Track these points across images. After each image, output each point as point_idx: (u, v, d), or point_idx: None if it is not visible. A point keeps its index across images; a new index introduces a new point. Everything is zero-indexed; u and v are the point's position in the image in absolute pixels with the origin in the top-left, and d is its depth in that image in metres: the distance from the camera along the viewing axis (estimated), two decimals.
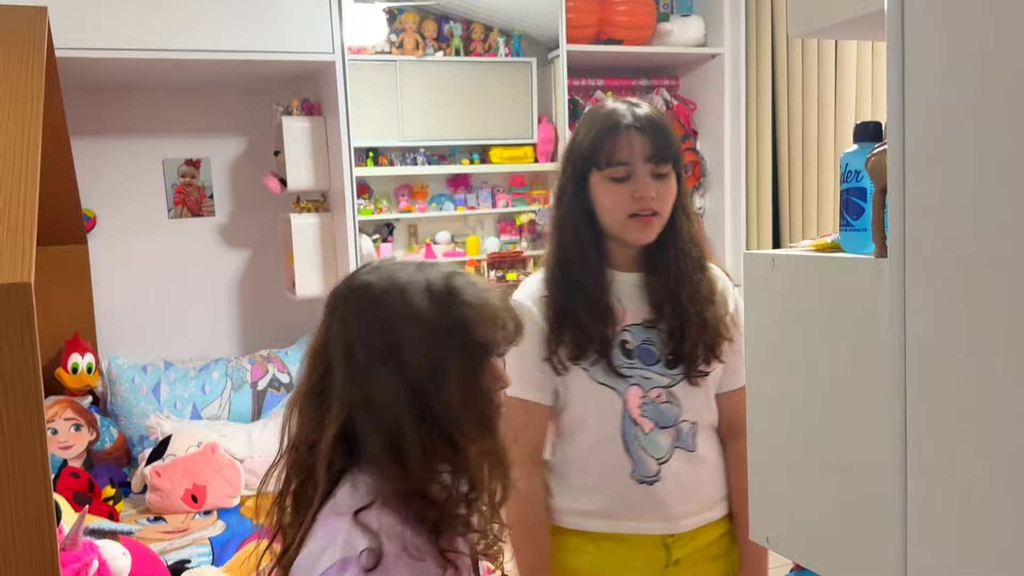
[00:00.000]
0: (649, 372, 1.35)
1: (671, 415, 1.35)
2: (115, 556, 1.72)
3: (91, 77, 3.04)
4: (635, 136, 1.31)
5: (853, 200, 0.80)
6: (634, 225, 1.32)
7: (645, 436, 1.34)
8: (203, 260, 3.45)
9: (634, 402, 1.34)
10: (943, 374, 0.70)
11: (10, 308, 1.21)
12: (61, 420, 2.89)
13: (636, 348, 1.35)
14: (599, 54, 3.33)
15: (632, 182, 1.31)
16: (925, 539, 0.72)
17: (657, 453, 1.35)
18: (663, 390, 1.35)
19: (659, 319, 1.35)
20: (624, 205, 1.31)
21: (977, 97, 0.64)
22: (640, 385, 1.34)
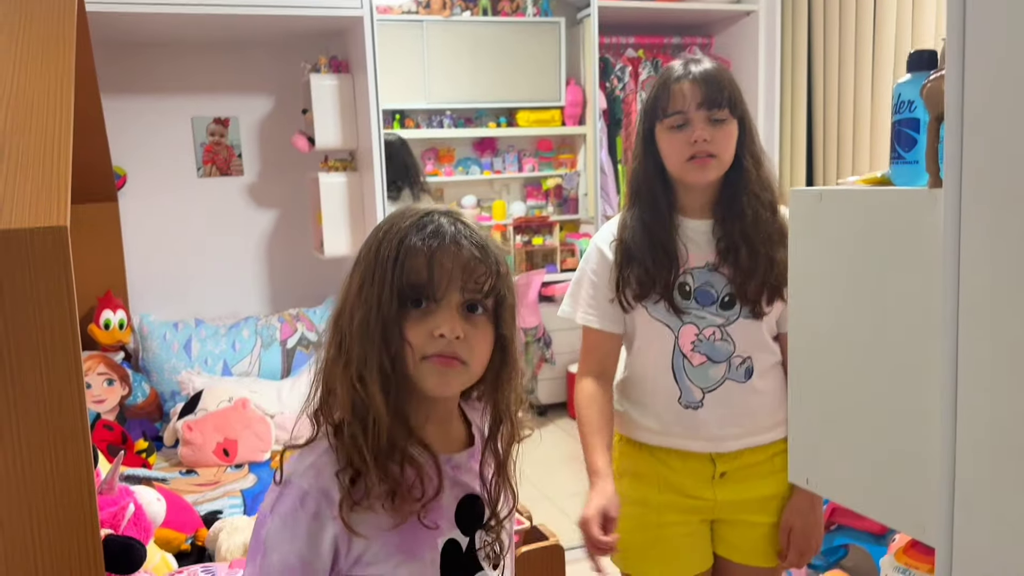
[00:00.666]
0: (704, 312, 1.47)
1: (724, 351, 1.48)
2: (150, 501, 1.75)
3: (121, 33, 3.04)
4: (687, 86, 1.42)
5: (905, 131, 0.78)
6: (692, 167, 1.43)
7: (693, 368, 1.49)
8: (232, 219, 3.46)
9: (687, 338, 1.48)
10: (997, 308, 0.68)
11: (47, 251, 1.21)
12: (94, 375, 2.93)
13: (695, 290, 1.48)
14: (631, 11, 3.28)
15: (688, 128, 1.42)
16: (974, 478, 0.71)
17: (704, 383, 1.49)
18: (717, 328, 1.47)
19: (722, 263, 1.46)
20: (682, 150, 1.42)
21: None
22: (695, 324, 1.47)
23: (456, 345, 0.87)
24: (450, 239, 0.88)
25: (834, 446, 0.87)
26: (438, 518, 0.91)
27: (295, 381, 3.09)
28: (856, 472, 0.85)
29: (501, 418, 0.96)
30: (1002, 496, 0.69)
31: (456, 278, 0.88)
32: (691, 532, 1.55)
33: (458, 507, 0.93)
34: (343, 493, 0.87)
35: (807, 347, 0.88)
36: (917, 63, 0.80)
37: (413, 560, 0.89)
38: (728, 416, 1.50)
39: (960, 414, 0.71)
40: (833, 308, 0.84)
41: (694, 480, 1.53)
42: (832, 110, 3.05)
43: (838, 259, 0.83)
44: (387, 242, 0.89)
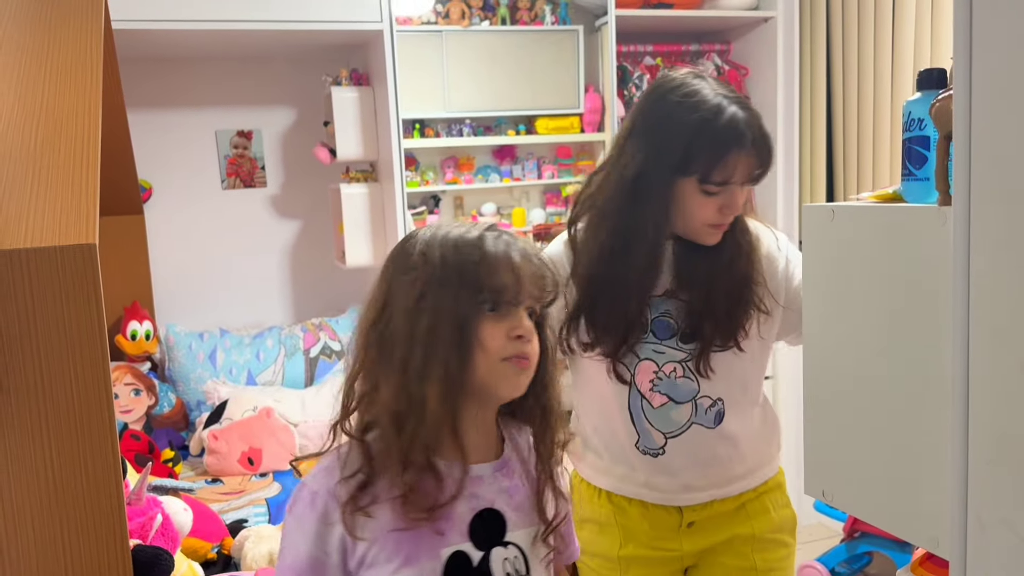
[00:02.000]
0: (663, 347, 1.30)
1: (687, 390, 1.31)
2: (177, 511, 1.78)
3: (146, 49, 3.10)
4: (746, 158, 1.23)
5: (916, 149, 0.79)
6: (708, 232, 1.28)
7: (653, 410, 1.32)
8: (256, 230, 3.51)
9: (644, 376, 1.31)
10: (1006, 324, 0.69)
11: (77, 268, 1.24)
12: (121, 385, 2.98)
13: (651, 321, 1.30)
14: (648, 19, 3.29)
15: (723, 195, 1.25)
16: (986, 489, 0.72)
17: (667, 427, 1.32)
18: (678, 364, 1.30)
19: (680, 289, 1.30)
20: (711, 217, 1.26)
21: None
22: (653, 360, 1.31)
23: (528, 346, 0.92)
24: (522, 250, 0.94)
25: (849, 459, 0.87)
26: (447, 527, 0.92)
27: (319, 390, 3.13)
28: (871, 485, 0.86)
29: (548, 419, 0.99)
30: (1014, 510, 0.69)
31: (530, 286, 0.93)
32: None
33: (473, 519, 0.94)
34: (347, 497, 0.90)
35: (821, 361, 0.88)
36: (927, 81, 0.81)
37: (412, 566, 0.90)
38: (693, 466, 1.34)
39: (972, 429, 0.72)
40: (846, 323, 0.85)
41: (659, 531, 1.37)
42: (852, 119, 3.04)
43: (851, 275, 0.84)
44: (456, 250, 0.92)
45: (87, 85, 1.68)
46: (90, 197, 1.38)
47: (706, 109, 1.22)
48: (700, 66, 3.38)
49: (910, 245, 0.78)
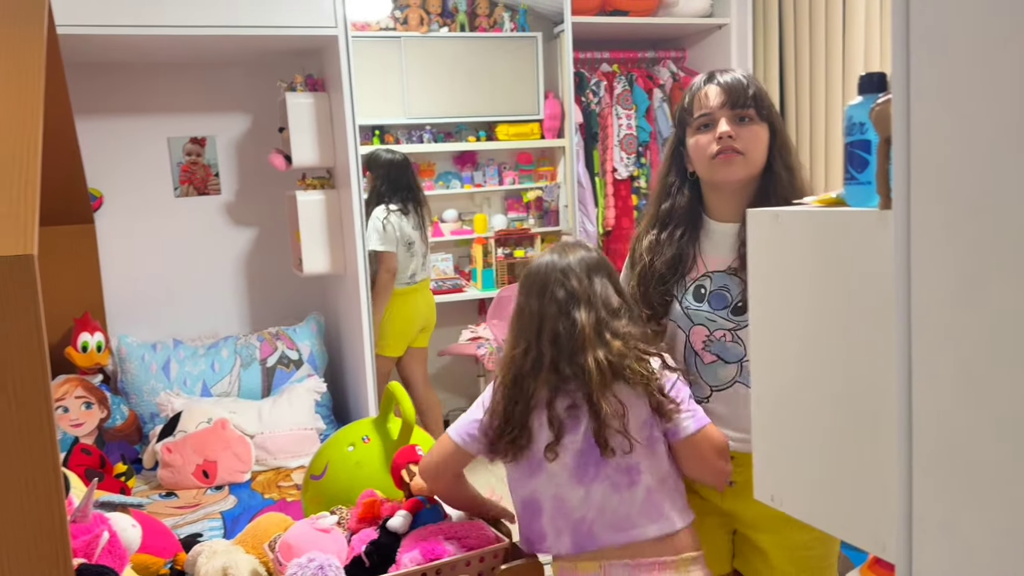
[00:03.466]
0: (715, 315, 1.50)
1: (735, 353, 1.51)
2: (125, 528, 1.73)
3: (94, 54, 3.03)
4: (712, 89, 1.48)
5: (857, 153, 0.79)
6: (718, 163, 1.46)
7: (704, 366, 1.54)
8: (210, 238, 3.45)
9: (697, 338, 1.54)
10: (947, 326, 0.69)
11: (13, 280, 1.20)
12: (72, 398, 2.91)
13: (710, 293, 1.52)
14: (605, 25, 3.30)
15: (713, 128, 1.46)
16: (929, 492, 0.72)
17: (713, 381, 1.54)
18: (728, 332, 1.50)
19: (742, 267, 1.45)
20: (708, 147, 1.46)
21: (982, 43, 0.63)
22: (705, 326, 1.52)
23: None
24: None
25: (798, 464, 0.87)
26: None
27: (275, 400, 3.08)
28: (819, 489, 0.86)
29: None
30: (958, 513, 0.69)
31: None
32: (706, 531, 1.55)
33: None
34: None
35: (768, 366, 0.88)
36: (867, 86, 0.81)
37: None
38: (732, 417, 1.51)
39: (915, 432, 0.72)
40: (792, 326, 0.85)
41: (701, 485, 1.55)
42: (804, 123, 3.07)
43: (796, 278, 0.84)
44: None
45: (27, 91, 1.63)
46: (29, 206, 1.33)
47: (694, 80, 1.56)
48: (656, 73, 3.40)
49: (853, 248, 0.78)
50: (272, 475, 2.88)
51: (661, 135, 3.32)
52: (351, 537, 1.78)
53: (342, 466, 2.03)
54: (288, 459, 2.93)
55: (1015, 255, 0.61)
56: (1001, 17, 0.60)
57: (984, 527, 0.67)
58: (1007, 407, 0.63)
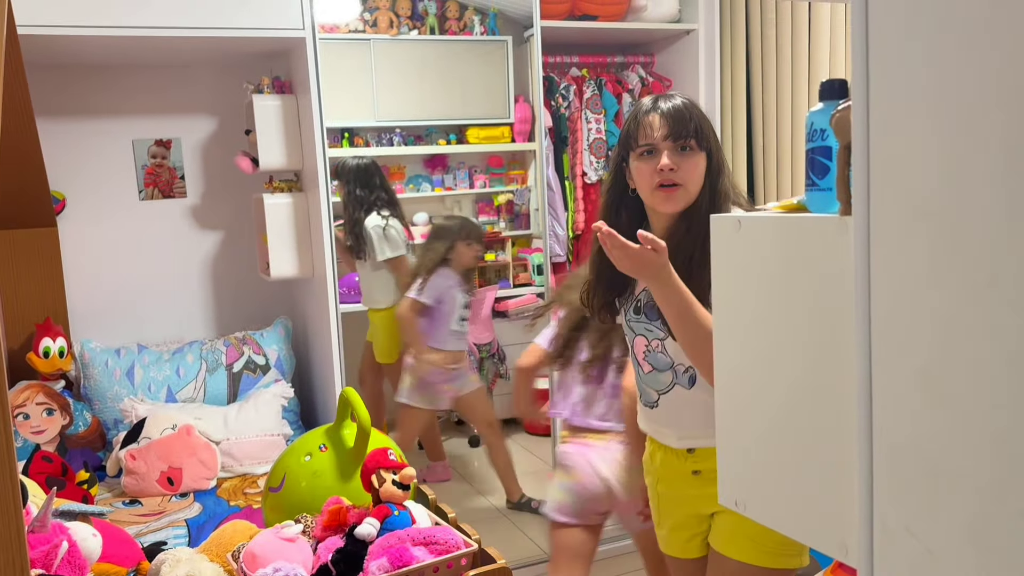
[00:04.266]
0: (652, 326, 1.62)
1: (664, 362, 1.63)
2: (86, 537, 1.70)
3: (56, 55, 2.98)
4: (655, 118, 1.56)
5: (819, 159, 0.80)
6: (660, 195, 1.56)
7: (646, 375, 1.67)
8: (175, 242, 3.41)
9: (639, 348, 1.66)
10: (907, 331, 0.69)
11: None
12: (33, 404, 2.85)
13: (644, 305, 1.63)
14: (574, 30, 3.31)
15: (655, 157, 1.55)
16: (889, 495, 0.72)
17: (657, 387, 1.66)
18: (660, 341, 1.61)
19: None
20: (650, 178, 1.55)
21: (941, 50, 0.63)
22: (644, 336, 1.64)
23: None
24: None
25: (761, 469, 0.88)
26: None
27: (242, 406, 3.04)
28: (783, 494, 0.86)
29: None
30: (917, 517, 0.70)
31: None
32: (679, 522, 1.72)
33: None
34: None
35: (732, 371, 0.89)
36: (828, 92, 0.81)
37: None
38: (679, 417, 1.64)
39: (875, 436, 0.72)
40: (755, 331, 0.85)
41: (674, 474, 1.68)
42: (771, 128, 3.11)
43: (758, 284, 0.84)
44: None
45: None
46: None
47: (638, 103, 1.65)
48: (625, 77, 3.42)
49: (814, 254, 0.78)
50: (238, 482, 2.84)
51: None
52: (317, 546, 1.76)
53: (300, 476, 2.01)
54: (255, 465, 2.90)
55: (970, 258, 0.62)
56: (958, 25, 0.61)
57: (944, 530, 0.67)
58: (966, 409, 0.64)
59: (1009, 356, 0.60)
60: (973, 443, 0.64)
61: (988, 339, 0.61)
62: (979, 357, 0.62)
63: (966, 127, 0.61)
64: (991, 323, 0.61)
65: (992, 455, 0.62)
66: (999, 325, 0.60)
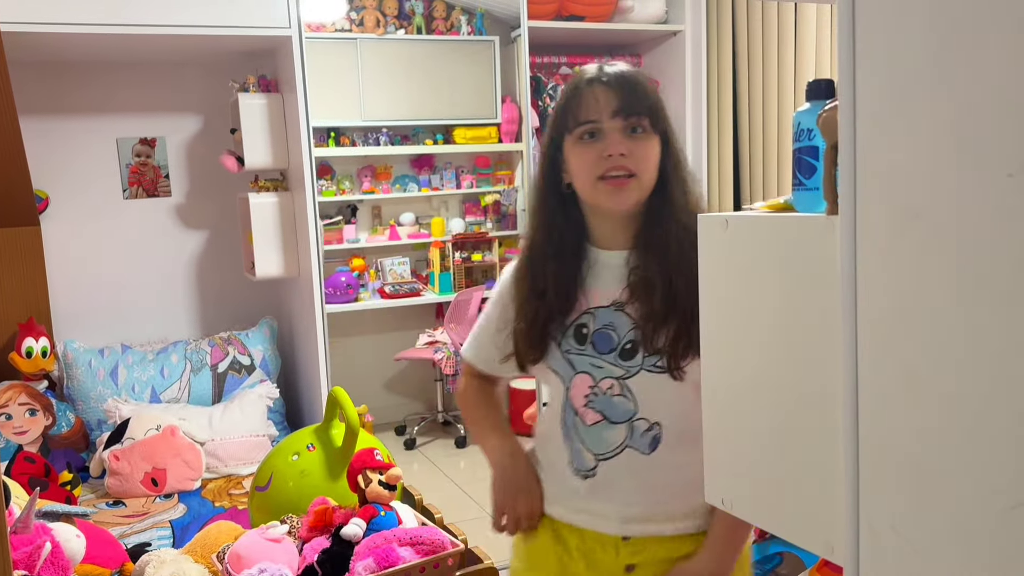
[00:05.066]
0: (601, 361, 1.22)
1: (622, 410, 1.22)
2: (69, 538, 1.69)
3: (39, 52, 2.96)
4: (599, 90, 1.19)
5: (805, 159, 0.80)
6: (605, 189, 1.18)
7: (586, 428, 1.24)
8: (160, 241, 3.39)
9: (579, 391, 1.24)
10: (893, 331, 0.70)
11: None
12: (15, 405, 2.83)
13: (593, 333, 1.23)
14: (561, 30, 3.31)
15: (600, 140, 1.18)
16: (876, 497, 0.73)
17: (599, 448, 1.24)
18: (616, 381, 1.21)
19: (631, 301, 1.21)
20: (593, 166, 1.18)
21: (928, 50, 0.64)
22: (590, 374, 1.23)
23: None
24: None
25: (748, 468, 0.88)
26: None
27: (227, 407, 3.03)
28: (769, 493, 0.86)
29: None
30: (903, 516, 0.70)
31: None
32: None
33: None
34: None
35: (718, 371, 0.89)
36: (815, 92, 0.82)
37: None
38: (625, 492, 1.24)
39: (861, 435, 0.73)
40: (742, 330, 0.85)
41: (596, 572, 1.27)
42: (757, 128, 3.12)
43: (746, 284, 0.84)
44: None
45: None
46: None
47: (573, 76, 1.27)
48: None
49: (801, 254, 0.79)
50: (223, 483, 2.83)
51: None
52: (303, 546, 1.75)
53: (287, 476, 2.01)
54: (239, 466, 2.88)
55: (957, 258, 0.62)
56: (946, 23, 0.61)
57: (929, 528, 0.68)
58: (951, 408, 0.64)
59: (995, 356, 0.60)
60: (958, 442, 0.64)
61: (974, 339, 0.62)
62: (965, 357, 0.62)
63: (956, 127, 0.61)
64: (977, 323, 0.61)
65: (977, 454, 0.63)
66: (985, 325, 0.61)
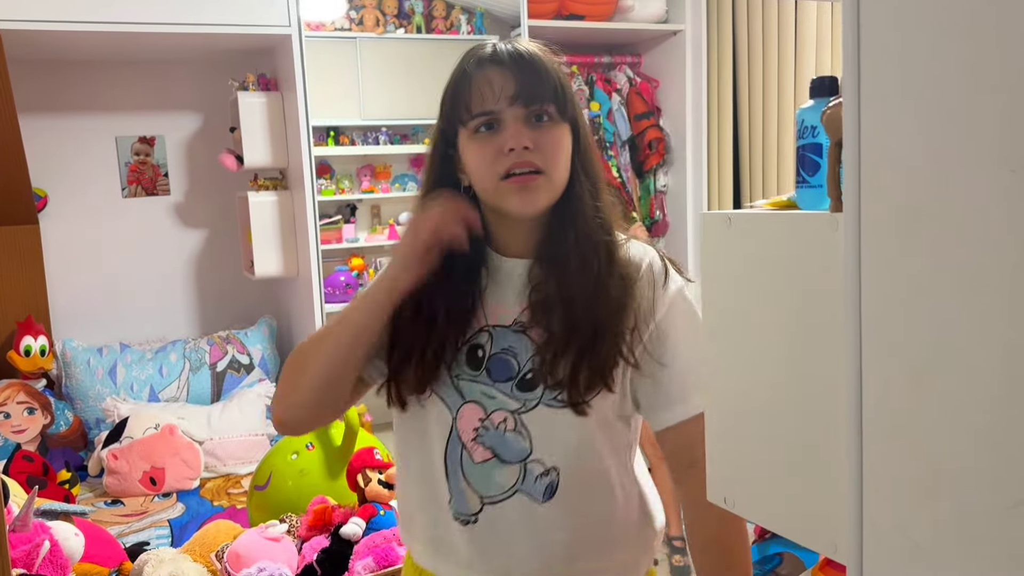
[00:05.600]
0: (495, 391, 1.04)
1: (516, 449, 1.03)
2: (68, 537, 1.68)
3: (38, 50, 2.95)
4: (493, 73, 1.01)
5: (809, 156, 0.79)
6: (509, 188, 1.00)
7: (474, 467, 1.05)
8: (159, 240, 3.38)
9: (468, 423, 1.04)
10: (898, 330, 0.69)
11: None
12: (14, 403, 2.83)
13: (490, 357, 1.04)
14: (560, 29, 3.31)
15: (499, 132, 1.01)
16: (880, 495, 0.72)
17: (486, 490, 1.05)
18: (510, 415, 1.03)
19: (533, 322, 1.03)
20: (493, 163, 1.00)
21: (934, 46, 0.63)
22: (480, 404, 1.04)
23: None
24: None
25: (750, 467, 0.88)
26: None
27: (225, 406, 3.03)
28: (772, 492, 0.86)
29: None
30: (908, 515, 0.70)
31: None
32: None
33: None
34: None
35: (722, 369, 0.88)
36: (819, 89, 0.81)
37: None
38: (515, 543, 1.05)
39: (865, 435, 0.72)
40: (745, 329, 0.85)
41: None
42: (757, 127, 3.12)
43: (748, 282, 0.84)
44: None
45: None
46: None
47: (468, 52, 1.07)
48: (612, 78, 3.42)
49: (804, 252, 0.78)
50: (222, 482, 2.82)
51: (620, 138, 3.33)
52: (302, 545, 1.75)
53: (286, 475, 2.01)
54: (238, 465, 2.88)
55: (964, 256, 0.62)
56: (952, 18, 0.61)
57: (935, 527, 0.67)
58: (956, 407, 0.64)
59: (1002, 355, 0.60)
60: (963, 441, 0.64)
61: (981, 338, 0.61)
62: (971, 356, 0.62)
63: (960, 123, 0.61)
64: (984, 322, 0.61)
65: (982, 453, 0.62)
66: (992, 324, 0.60)
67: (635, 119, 3.33)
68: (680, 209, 3.32)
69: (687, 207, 3.27)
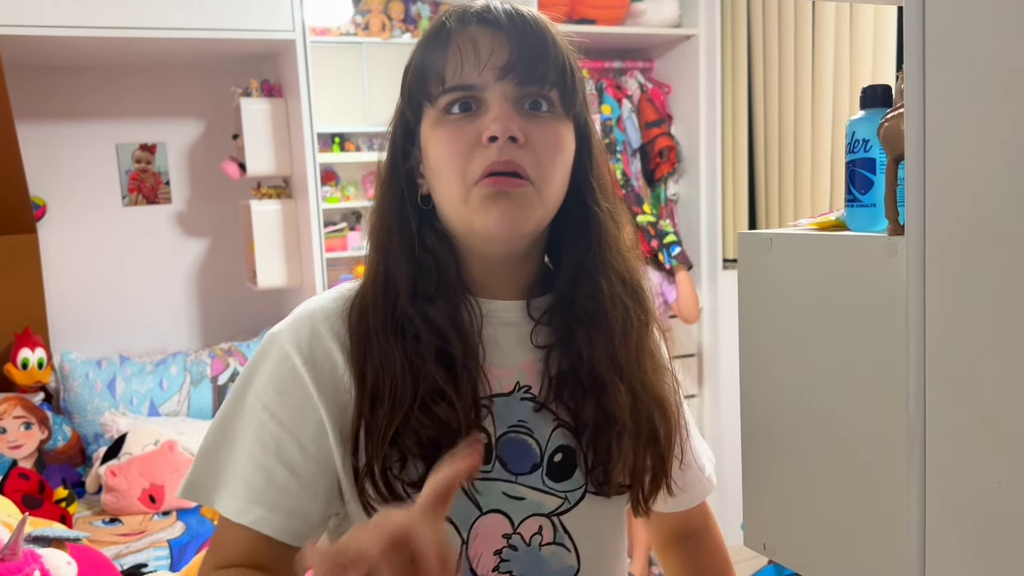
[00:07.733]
0: (520, 486, 0.75)
1: (560, 569, 0.76)
2: (59, 566, 1.61)
3: (37, 56, 2.89)
4: (481, 34, 0.73)
5: (861, 172, 0.72)
6: (482, 194, 0.71)
7: None
8: (160, 249, 3.31)
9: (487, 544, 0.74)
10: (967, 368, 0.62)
11: None
12: (10, 418, 2.76)
13: (497, 443, 0.75)
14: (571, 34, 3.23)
15: (479, 115, 0.73)
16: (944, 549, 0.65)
17: None
18: (546, 519, 0.75)
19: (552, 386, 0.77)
20: (466, 156, 0.71)
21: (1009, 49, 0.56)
22: (505, 513, 0.74)
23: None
24: None
25: (793, 512, 0.80)
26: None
27: None
28: (818, 541, 0.78)
29: None
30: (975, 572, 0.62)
31: None
32: None
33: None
34: None
35: (760, 404, 0.81)
36: (871, 99, 0.74)
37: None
38: None
39: (929, 485, 0.64)
40: (786, 363, 0.77)
41: None
42: (773, 135, 3.03)
43: (791, 309, 0.76)
44: None
45: None
46: None
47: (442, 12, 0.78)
48: (624, 83, 3.34)
49: (856, 278, 0.70)
50: None
51: (631, 145, 3.26)
52: None
53: None
54: None
55: None
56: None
57: None
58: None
59: None
60: None
61: None
62: None
63: None
64: None
65: None
66: None
67: (645, 127, 3.25)
68: (693, 218, 3.24)
69: (700, 216, 3.18)
